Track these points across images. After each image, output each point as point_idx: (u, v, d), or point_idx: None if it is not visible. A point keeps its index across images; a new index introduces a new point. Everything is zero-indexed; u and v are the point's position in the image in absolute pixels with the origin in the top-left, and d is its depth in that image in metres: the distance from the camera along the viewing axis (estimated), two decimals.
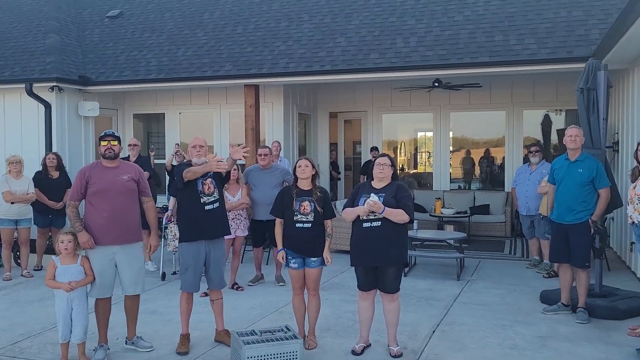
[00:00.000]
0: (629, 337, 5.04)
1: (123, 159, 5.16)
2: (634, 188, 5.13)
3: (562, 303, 5.79)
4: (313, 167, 4.83)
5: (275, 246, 4.95)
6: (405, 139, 12.97)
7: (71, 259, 4.56)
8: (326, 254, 4.79)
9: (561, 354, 4.69)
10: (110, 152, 4.67)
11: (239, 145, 4.77)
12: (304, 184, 4.82)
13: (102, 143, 4.68)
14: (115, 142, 4.69)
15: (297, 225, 4.75)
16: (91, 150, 10.81)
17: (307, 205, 4.74)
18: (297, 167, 4.82)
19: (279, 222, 4.87)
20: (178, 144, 9.12)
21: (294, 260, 4.81)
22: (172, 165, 9.12)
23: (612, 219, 8.58)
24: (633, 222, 5.16)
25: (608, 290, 6.09)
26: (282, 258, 4.83)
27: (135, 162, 7.27)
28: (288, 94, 11.06)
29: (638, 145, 5.18)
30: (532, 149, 7.87)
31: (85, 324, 4.55)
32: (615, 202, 6.01)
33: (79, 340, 4.52)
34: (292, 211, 4.75)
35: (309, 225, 4.74)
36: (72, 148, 10.31)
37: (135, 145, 8.05)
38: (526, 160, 8.64)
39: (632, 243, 7.03)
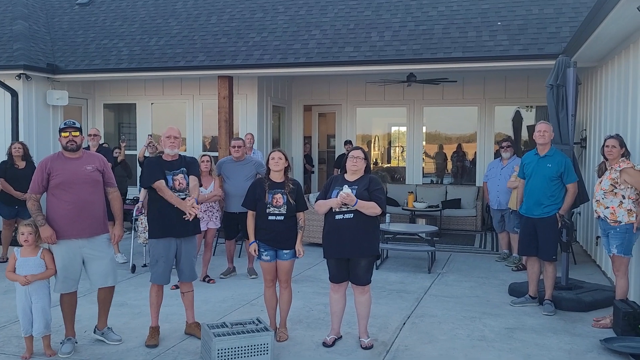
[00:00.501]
0: (593, 329, 5.18)
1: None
2: (600, 183, 5.25)
3: (529, 295, 5.91)
4: (286, 159, 4.82)
5: (248, 238, 4.93)
6: (379, 133, 13.03)
7: (31, 251, 4.43)
8: (298, 246, 4.79)
9: (528, 345, 4.79)
10: (72, 145, 4.51)
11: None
12: (277, 177, 4.80)
13: (63, 134, 4.50)
14: (77, 133, 4.51)
15: (270, 217, 4.73)
16: None
17: (279, 198, 4.72)
18: (270, 159, 4.80)
19: (250, 214, 4.84)
20: (151, 135, 8.98)
21: (265, 253, 4.79)
22: (144, 156, 8.98)
23: (579, 213, 8.77)
24: (599, 217, 5.28)
25: (574, 283, 6.23)
26: (255, 251, 4.81)
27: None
28: (262, 86, 10.99)
29: (605, 141, 5.29)
30: (504, 144, 7.98)
31: (46, 317, 4.42)
32: (582, 196, 6.15)
33: (41, 334, 4.41)
34: (265, 204, 4.73)
35: (282, 217, 4.73)
36: (40, 138, 10.07)
37: (95, 135, 7.88)
38: (498, 155, 8.76)
39: (597, 237, 7.19)
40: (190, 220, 4.65)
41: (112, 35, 10.94)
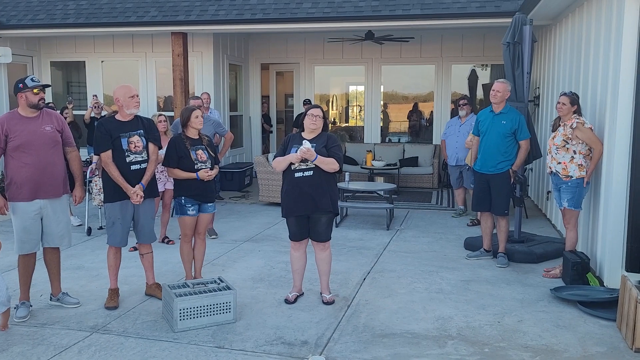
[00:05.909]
0: (543, 279, 5.41)
1: None
2: (553, 138, 5.39)
3: (484, 249, 6.10)
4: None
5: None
6: (337, 93, 12.95)
7: None
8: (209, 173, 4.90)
9: (482, 295, 4.97)
10: (43, 102, 4.39)
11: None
12: (194, 133, 4.94)
13: (35, 91, 4.33)
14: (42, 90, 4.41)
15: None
16: (4, 100, 10.08)
17: (202, 154, 4.89)
18: (195, 117, 4.92)
19: (177, 170, 4.84)
20: (96, 95, 8.65)
21: (192, 208, 4.92)
22: (90, 117, 8.69)
23: (531, 169, 9.04)
24: (551, 172, 5.45)
25: (526, 236, 6.47)
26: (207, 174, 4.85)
27: None
28: (218, 43, 10.69)
29: (559, 96, 5.41)
30: (461, 102, 8.07)
31: (7, 291, 4.20)
32: (535, 153, 6.31)
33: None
34: (192, 161, 4.83)
35: None
36: None
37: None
38: (454, 114, 8.87)
39: (548, 192, 7.46)
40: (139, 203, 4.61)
41: None
